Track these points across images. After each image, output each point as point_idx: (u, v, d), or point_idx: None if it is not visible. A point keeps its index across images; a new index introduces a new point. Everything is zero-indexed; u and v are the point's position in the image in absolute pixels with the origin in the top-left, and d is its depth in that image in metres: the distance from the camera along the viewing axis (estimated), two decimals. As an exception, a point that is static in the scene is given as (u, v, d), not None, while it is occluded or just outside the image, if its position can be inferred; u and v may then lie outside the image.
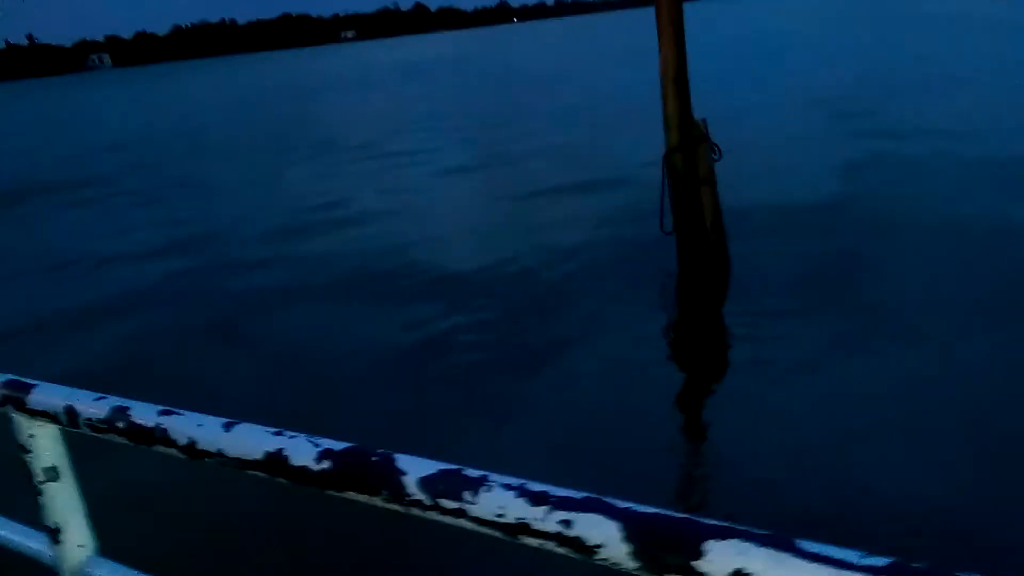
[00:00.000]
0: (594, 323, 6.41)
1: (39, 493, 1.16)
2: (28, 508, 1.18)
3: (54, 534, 1.16)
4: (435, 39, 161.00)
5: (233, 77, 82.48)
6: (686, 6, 6.83)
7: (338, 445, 0.82)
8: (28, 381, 1.13)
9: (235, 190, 15.30)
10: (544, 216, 10.03)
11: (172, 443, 0.94)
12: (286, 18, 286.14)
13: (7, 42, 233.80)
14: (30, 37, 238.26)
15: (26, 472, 1.15)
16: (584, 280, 7.44)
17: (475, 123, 21.43)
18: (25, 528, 1.28)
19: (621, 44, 56.15)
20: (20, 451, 1.15)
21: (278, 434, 0.86)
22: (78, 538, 1.17)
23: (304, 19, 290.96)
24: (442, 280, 7.88)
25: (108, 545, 1.21)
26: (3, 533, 1.31)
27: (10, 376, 1.15)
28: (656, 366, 5.67)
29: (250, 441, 0.87)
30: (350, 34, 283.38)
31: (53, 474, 1.15)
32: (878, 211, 8.47)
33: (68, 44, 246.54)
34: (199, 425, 0.93)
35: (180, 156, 21.27)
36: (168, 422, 0.96)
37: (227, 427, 0.90)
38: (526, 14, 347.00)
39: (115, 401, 1.03)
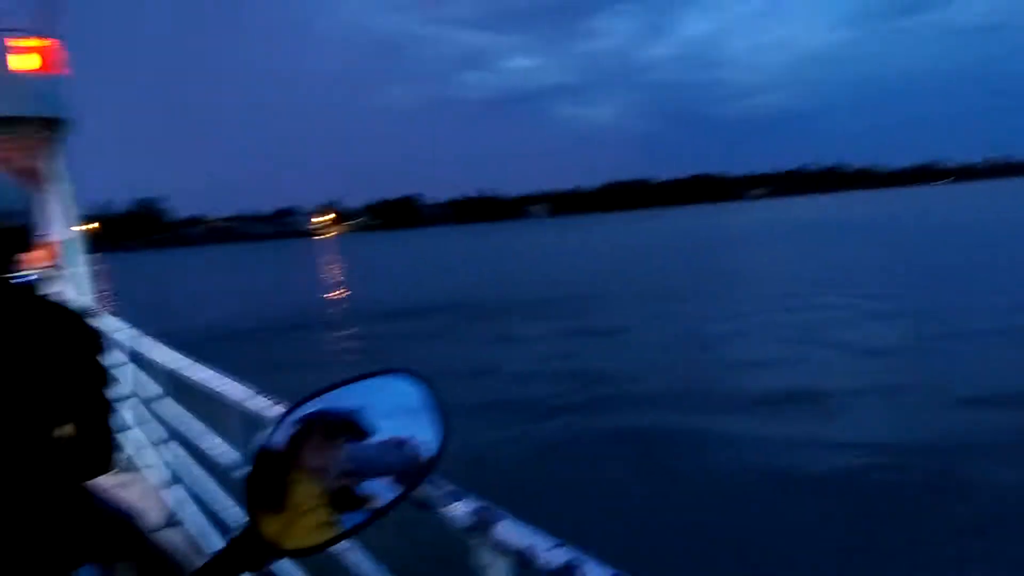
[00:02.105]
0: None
1: None
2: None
3: None
4: (849, 197, 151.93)
5: (653, 228, 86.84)
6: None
7: None
8: (496, 512, 1.22)
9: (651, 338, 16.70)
10: (969, 423, 8.91)
11: None
12: (697, 178, 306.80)
13: (463, 195, 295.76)
14: (480, 192, 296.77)
15: None
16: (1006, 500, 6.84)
17: (892, 294, 20.21)
18: None
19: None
20: (473, 573, 1.24)
21: None
22: None
23: (715, 179, 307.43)
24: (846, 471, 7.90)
25: None
26: None
27: (482, 504, 1.25)
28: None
29: None
30: (759, 192, 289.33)
31: None
32: None
33: (511, 195, 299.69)
34: None
35: (609, 296, 23.83)
36: None
37: None
38: (953, 174, 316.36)
39: (570, 553, 1.05)
